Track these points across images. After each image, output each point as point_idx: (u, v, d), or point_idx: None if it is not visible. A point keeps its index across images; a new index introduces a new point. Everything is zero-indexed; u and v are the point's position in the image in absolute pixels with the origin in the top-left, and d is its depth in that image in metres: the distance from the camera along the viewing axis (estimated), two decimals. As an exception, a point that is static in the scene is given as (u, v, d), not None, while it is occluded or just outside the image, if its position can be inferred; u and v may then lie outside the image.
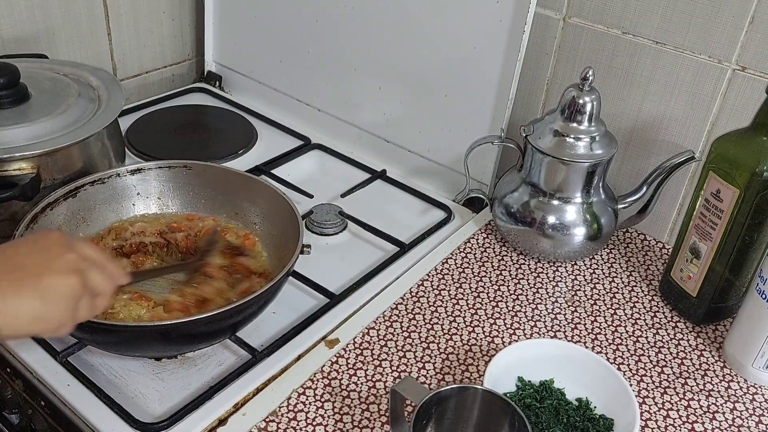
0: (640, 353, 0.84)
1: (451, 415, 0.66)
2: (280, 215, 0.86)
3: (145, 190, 0.91)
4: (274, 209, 0.87)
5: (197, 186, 0.92)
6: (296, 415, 0.73)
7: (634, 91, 0.96)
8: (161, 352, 0.77)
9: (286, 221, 0.85)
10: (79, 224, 0.87)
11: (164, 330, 0.71)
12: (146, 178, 0.91)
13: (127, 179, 0.90)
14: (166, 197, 0.92)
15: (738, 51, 0.87)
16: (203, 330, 0.73)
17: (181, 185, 0.92)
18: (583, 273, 0.96)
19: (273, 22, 1.21)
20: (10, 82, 0.88)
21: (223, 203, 0.92)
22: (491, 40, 0.96)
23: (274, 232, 0.88)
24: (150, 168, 0.91)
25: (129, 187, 0.90)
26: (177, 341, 0.74)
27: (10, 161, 0.82)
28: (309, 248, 0.82)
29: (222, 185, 0.91)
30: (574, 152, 0.90)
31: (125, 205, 0.90)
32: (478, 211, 1.05)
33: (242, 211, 0.91)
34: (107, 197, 0.89)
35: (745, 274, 0.85)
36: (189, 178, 0.92)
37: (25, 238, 0.57)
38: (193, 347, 0.77)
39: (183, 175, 0.91)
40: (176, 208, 0.92)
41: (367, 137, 1.16)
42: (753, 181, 0.77)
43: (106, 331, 0.70)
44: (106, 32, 1.20)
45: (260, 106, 1.27)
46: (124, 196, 0.90)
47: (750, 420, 0.77)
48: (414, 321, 0.86)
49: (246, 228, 0.90)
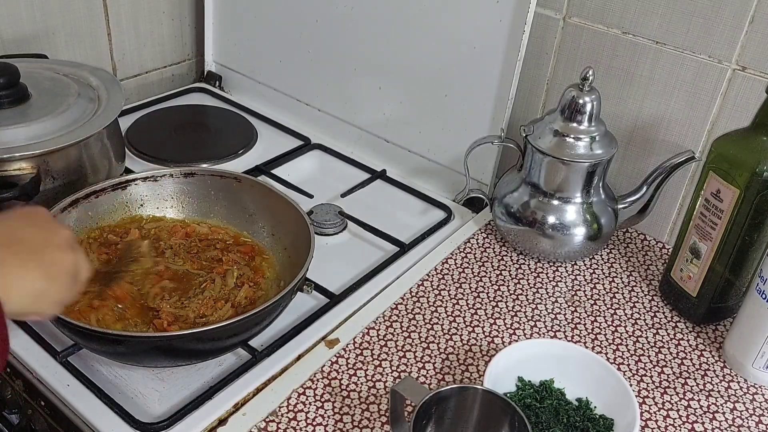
0: (640, 353, 0.84)
1: (451, 415, 0.66)
2: (292, 225, 0.85)
3: (159, 194, 0.91)
4: (285, 218, 0.87)
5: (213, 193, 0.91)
6: (296, 415, 0.73)
7: (634, 91, 0.96)
8: (166, 364, 0.76)
9: (297, 232, 0.84)
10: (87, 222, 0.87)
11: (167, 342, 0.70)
12: (163, 184, 0.90)
13: (139, 186, 0.90)
14: (179, 203, 0.92)
15: (738, 51, 0.87)
16: (209, 345, 0.73)
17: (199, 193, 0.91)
18: (583, 273, 0.96)
19: (273, 22, 1.21)
20: (10, 82, 0.88)
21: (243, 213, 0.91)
22: (491, 40, 0.96)
23: (286, 243, 0.87)
24: (201, 173, 0.91)
25: (140, 193, 0.90)
26: (182, 354, 0.74)
27: (10, 161, 0.82)
28: (310, 287, 0.81)
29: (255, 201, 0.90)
30: (574, 152, 0.90)
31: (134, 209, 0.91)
32: (478, 211, 1.05)
33: (255, 219, 0.90)
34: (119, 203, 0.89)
35: (745, 274, 0.85)
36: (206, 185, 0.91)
37: (12, 212, 0.55)
38: (200, 359, 0.77)
39: (207, 183, 0.91)
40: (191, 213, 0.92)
41: (367, 137, 1.16)
42: (753, 181, 0.77)
43: (114, 342, 0.70)
44: (106, 32, 1.20)
45: (260, 106, 1.27)
46: (134, 202, 0.90)
47: (750, 420, 0.77)
48: (414, 321, 0.86)
49: (255, 235, 0.90)
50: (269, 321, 0.77)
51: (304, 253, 0.79)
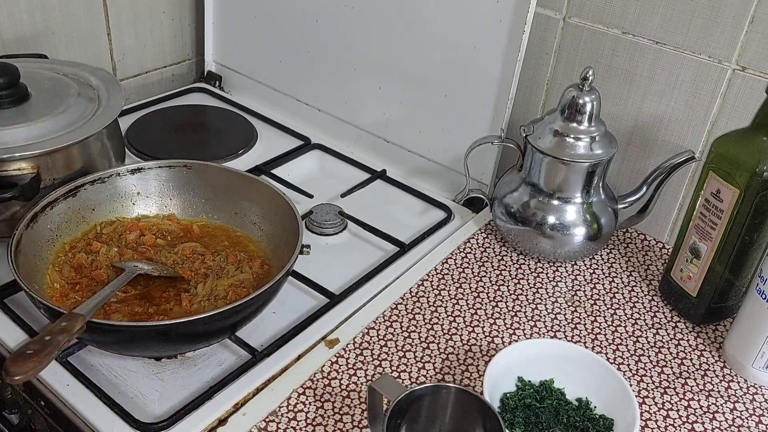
0: (640, 353, 0.84)
1: (426, 413, 0.67)
2: (280, 215, 0.86)
3: (145, 189, 0.91)
4: (274, 209, 0.87)
5: (197, 186, 0.92)
6: (296, 415, 0.73)
7: (634, 91, 0.96)
8: (160, 352, 0.77)
9: (285, 221, 0.85)
10: (79, 223, 0.87)
11: (162, 330, 0.71)
12: (146, 177, 0.91)
13: (127, 179, 0.90)
14: (165, 197, 0.92)
15: (738, 51, 0.87)
16: (202, 330, 0.73)
17: (181, 185, 0.92)
18: (583, 273, 0.96)
19: (273, 22, 1.21)
20: (10, 82, 0.88)
21: (223, 203, 0.92)
22: (491, 40, 0.96)
23: (274, 231, 0.88)
24: (150, 167, 0.91)
25: (129, 187, 0.90)
26: (175, 341, 0.74)
27: (10, 161, 0.82)
28: (308, 248, 0.82)
29: (222, 185, 0.91)
30: (574, 152, 0.90)
31: (125, 204, 0.90)
32: (478, 211, 1.05)
33: (242, 210, 0.91)
34: (107, 196, 0.89)
35: (745, 274, 0.85)
36: (189, 178, 0.92)
37: None
38: (192, 347, 0.77)
39: (183, 174, 0.91)
40: (176, 208, 0.93)
41: (367, 137, 1.16)
42: (753, 181, 0.77)
43: (104, 331, 0.70)
44: (105, 32, 1.20)
45: (260, 106, 1.27)
46: (124, 195, 0.90)
47: (750, 420, 0.77)
48: (414, 321, 0.86)
49: (244, 228, 0.90)
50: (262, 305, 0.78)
51: (293, 238, 0.81)
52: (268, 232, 0.88)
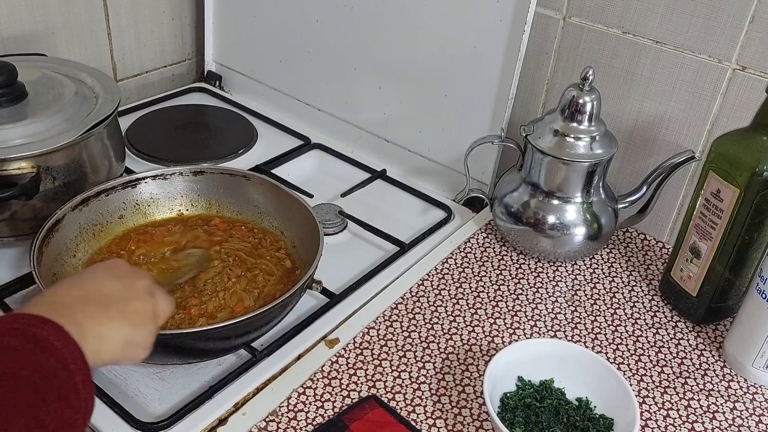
0: (640, 353, 0.84)
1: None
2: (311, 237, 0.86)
3: (202, 189, 0.93)
4: (293, 216, 0.88)
5: (251, 196, 0.93)
6: (296, 414, 0.73)
7: (634, 91, 0.96)
8: (170, 361, 0.77)
9: (306, 230, 0.85)
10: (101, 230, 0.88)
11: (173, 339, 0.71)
12: (204, 180, 0.92)
13: (187, 179, 0.92)
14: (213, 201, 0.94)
15: (738, 51, 0.87)
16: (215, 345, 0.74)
17: (238, 192, 0.93)
18: (583, 273, 0.96)
19: (273, 22, 1.21)
20: (7, 80, 0.87)
21: (274, 214, 0.92)
22: (491, 39, 0.96)
23: (295, 241, 0.88)
24: (212, 171, 0.93)
25: (186, 186, 0.93)
26: (189, 352, 0.74)
27: (10, 161, 0.82)
28: (319, 284, 0.81)
29: (273, 198, 0.92)
30: (574, 152, 0.90)
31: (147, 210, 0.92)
32: (478, 211, 1.05)
33: (279, 227, 0.91)
34: (166, 193, 0.91)
35: (745, 273, 0.85)
36: (247, 187, 0.92)
37: (95, 267, 0.60)
38: (207, 358, 0.77)
39: (242, 183, 0.92)
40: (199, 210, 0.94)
41: (367, 137, 1.16)
42: (753, 180, 0.77)
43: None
44: (106, 32, 1.20)
45: (260, 106, 1.27)
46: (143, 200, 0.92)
47: (750, 420, 0.77)
48: (414, 321, 0.86)
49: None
50: (278, 320, 0.78)
51: (312, 251, 0.80)
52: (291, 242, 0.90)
